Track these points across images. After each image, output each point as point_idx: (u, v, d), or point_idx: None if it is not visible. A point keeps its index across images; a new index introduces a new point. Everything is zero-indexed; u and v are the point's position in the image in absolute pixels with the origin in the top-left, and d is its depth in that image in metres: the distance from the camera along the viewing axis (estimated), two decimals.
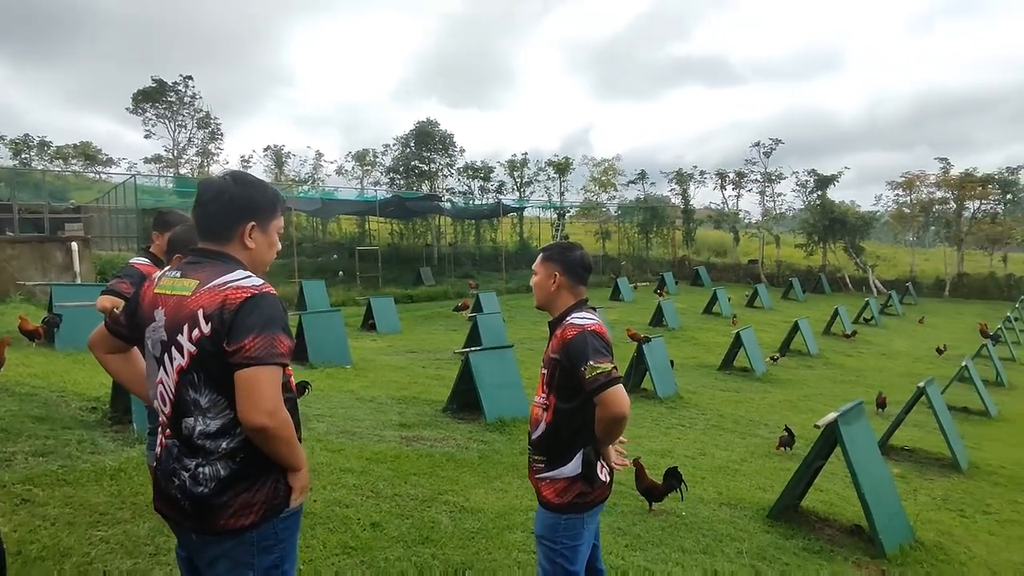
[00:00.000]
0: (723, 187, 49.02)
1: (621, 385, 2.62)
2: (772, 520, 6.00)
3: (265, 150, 49.86)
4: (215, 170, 46.63)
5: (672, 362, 14.71)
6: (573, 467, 2.77)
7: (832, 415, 5.50)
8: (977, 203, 44.68)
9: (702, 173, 49.13)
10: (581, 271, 2.99)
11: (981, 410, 13.31)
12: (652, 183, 50.02)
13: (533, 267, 3.08)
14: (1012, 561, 5.86)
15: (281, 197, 2.30)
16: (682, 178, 48.64)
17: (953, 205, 44.84)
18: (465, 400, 9.49)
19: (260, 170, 49.92)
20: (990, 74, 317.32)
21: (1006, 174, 44.34)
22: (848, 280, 44.72)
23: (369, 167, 47.91)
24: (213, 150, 46.74)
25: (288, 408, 2.07)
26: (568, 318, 2.84)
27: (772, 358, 17.33)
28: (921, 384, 9.22)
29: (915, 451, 10.07)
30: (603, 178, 47.96)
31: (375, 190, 40.32)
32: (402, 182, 44.76)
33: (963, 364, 13.30)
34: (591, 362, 2.61)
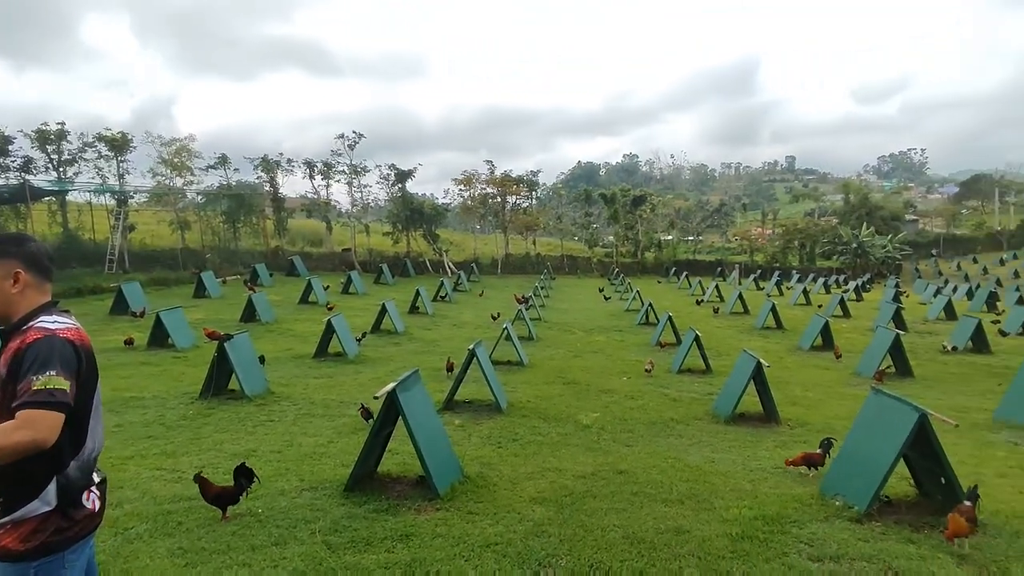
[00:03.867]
0: (312, 176, 49.20)
1: (63, 416, 2.21)
2: (349, 492, 6.37)
3: None
4: None
5: (263, 357, 14.14)
6: (45, 501, 2.29)
7: (391, 385, 6.14)
8: (514, 198, 56.70)
9: (290, 161, 48.22)
10: (48, 264, 2.48)
11: (518, 361, 16.91)
12: (236, 169, 46.58)
13: None
14: (527, 472, 7.66)
15: None
16: (269, 165, 46.79)
17: (499, 199, 55.75)
18: None
19: None
20: (533, 95, 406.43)
21: (531, 176, 57.54)
22: (428, 264, 50.96)
23: None
24: None
25: None
26: (34, 322, 2.32)
27: (357, 339, 18.38)
28: (471, 347, 11.14)
29: (473, 402, 12.12)
30: (176, 160, 42.15)
31: None
32: None
33: (504, 326, 16.67)
34: (51, 373, 2.18)
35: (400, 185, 50.08)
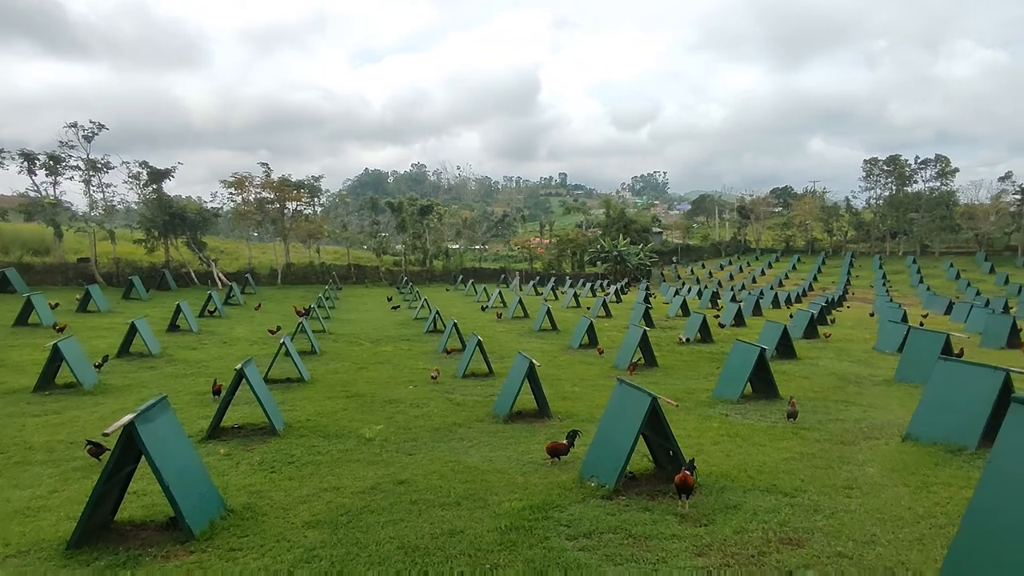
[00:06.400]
0: (32, 171, 40.47)
1: None
2: (74, 550, 5.36)
3: None
4: None
5: None
6: None
7: (128, 417, 5.32)
8: (295, 204, 53.35)
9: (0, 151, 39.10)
10: None
11: (298, 377, 15.92)
12: None
13: None
14: (302, 495, 7.23)
15: None
16: None
17: (278, 205, 51.97)
18: None
19: None
20: (318, 98, 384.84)
21: (313, 181, 54.69)
22: (194, 275, 45.41)
23: None
24: None
25: None
26: None
27: (96, 365, 15.71)
28: (239, 367, 10.18)
29: (244, 427, 11.09)
30: None
31: None
32: None
33: (282, 341, 15.56)
34: None
35: (155, 185, 43.83)
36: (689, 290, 50.08)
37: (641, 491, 6.85)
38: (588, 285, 54.72)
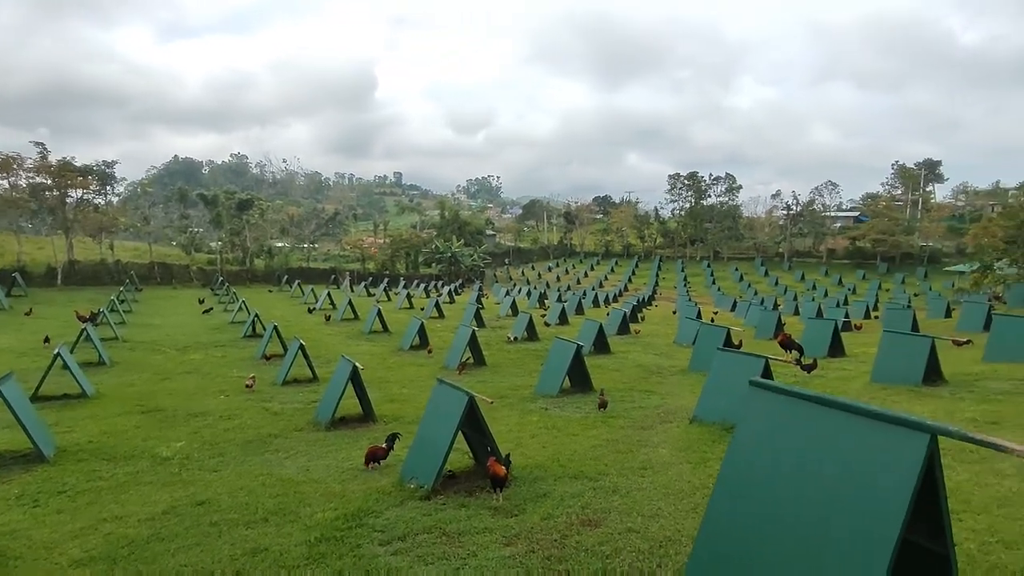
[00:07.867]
0: None
1: None
2: None
3: None
4: None
5: None
6: None
7: None
8: (80, 192, 46.00)
9: None
10: None
11: (79, 393, 13.76)
12: None
13: None
14: (74, 529, 6.25)
15: None
16: None
17: (57, 192, 44.41)
18: None
19: None
20: (118, 72, 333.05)
21: (105, 167, 47.67)
22: None
23: None
24: None
25: None
26: None
27: None
28: None
29: (1, 455, 9.33)
30: None
31: None
32: None
33: (56, 352, 13.33)
34: None
35: None
36: (520, 291, 52.21)
37: (459, 488, 6.97)
38: (422, 286, 54.59)
